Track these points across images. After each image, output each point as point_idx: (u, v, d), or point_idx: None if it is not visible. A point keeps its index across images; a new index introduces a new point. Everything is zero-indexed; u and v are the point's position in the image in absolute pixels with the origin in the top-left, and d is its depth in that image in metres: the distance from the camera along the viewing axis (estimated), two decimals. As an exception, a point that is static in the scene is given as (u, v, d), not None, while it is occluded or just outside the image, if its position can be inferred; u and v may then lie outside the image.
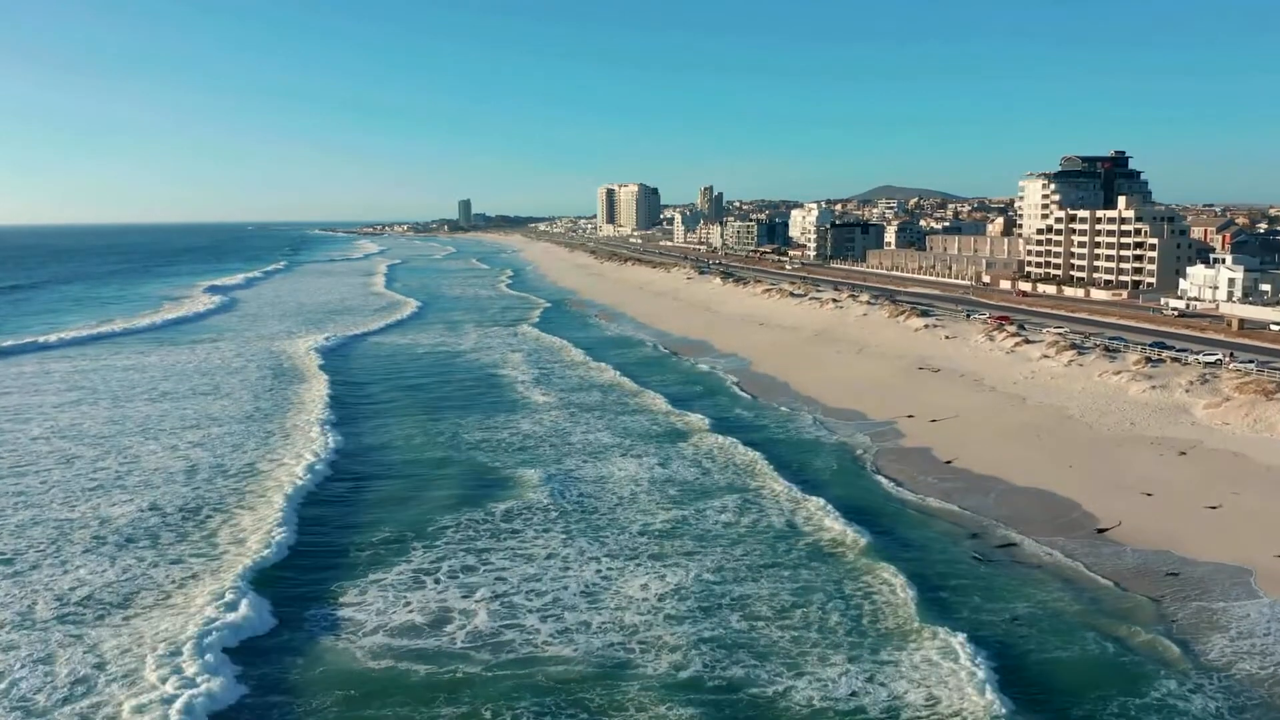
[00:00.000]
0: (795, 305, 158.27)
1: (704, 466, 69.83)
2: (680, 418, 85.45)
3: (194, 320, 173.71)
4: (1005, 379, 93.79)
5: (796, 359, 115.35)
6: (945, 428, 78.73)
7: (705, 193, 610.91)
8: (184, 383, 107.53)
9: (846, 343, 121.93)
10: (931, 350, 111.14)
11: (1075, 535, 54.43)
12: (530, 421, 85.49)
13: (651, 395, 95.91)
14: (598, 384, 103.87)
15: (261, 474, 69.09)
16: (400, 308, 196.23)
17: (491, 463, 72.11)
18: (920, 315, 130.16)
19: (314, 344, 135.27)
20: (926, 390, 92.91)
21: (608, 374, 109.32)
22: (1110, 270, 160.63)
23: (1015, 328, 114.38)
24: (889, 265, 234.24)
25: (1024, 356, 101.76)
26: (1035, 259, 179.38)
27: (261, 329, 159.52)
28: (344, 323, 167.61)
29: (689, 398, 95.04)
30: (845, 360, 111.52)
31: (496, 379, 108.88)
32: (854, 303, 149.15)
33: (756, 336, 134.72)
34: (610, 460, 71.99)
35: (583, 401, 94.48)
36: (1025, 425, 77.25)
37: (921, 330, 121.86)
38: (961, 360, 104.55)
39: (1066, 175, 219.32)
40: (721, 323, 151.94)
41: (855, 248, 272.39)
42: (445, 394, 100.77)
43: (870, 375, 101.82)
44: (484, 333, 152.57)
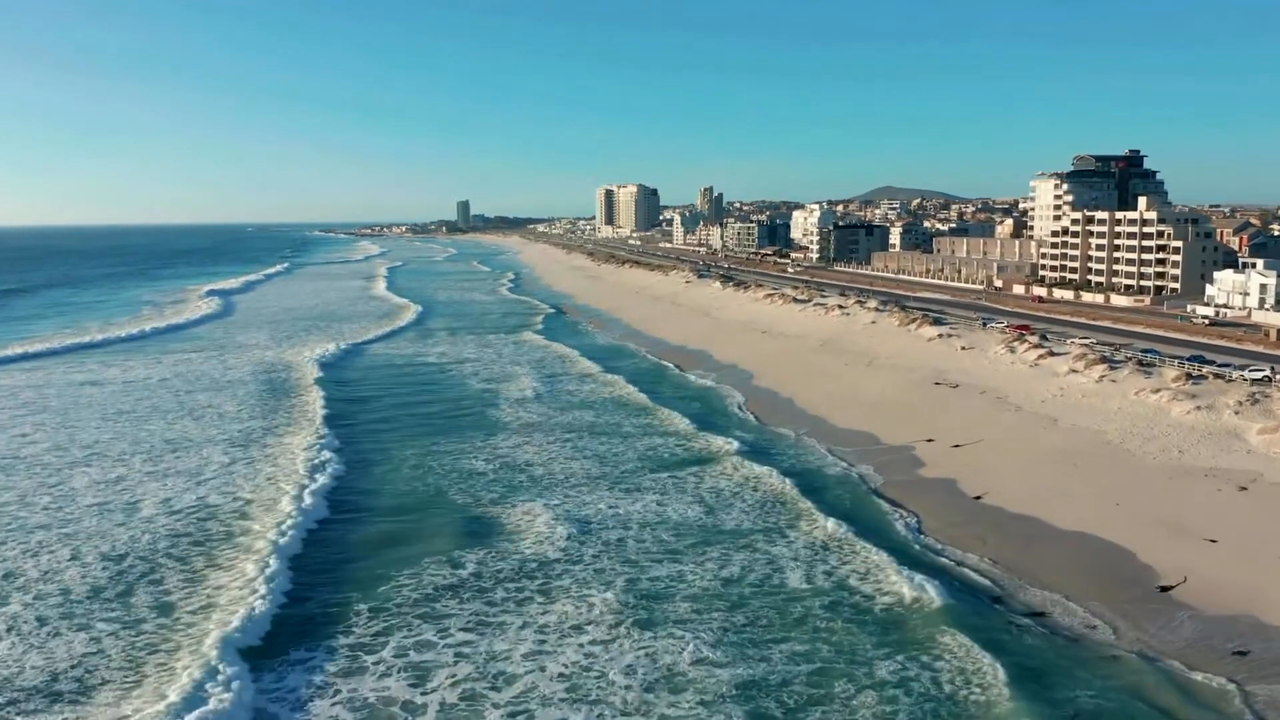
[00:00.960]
0: (799, 311, 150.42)
1: (704, 505, 61.98)
2: (668, 443, 77.71)
3: (187, 327, 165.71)
4: (1031, 397, 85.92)
5: (801, 372, 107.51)
6: (970, 455, 70.90)
7: (705, 193, 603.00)
8: (159, 400, 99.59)
9: (855, 354, 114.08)
10: (947, 363, 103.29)
11: (1134, 595, 46.60)
12: (514, 443, 77.78)
13: (642, 418, 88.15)
14: (591, 402, 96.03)
15: (218, 524, 61.27)
16: (401, 313, 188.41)
17: (486, 499, 64.36)
18: (933, 323, 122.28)
19: (312, 355, 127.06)
20: (945, 409, 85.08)
21: (601, 390, 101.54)
22: (1130, 275, 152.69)
23: (1037, 338, 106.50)
24: (895, 268, 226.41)
25: (1050, 371, 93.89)
26: (1050, 262, 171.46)
27: (254, 337, 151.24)
28: (343, 331, 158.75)
29: (684, 418, 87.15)
30: (854, 373, 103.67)
31: (495, 396, 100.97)
32: (861, 309, 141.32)
33: (758, 346, 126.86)
34: (602, 496, 64.16)
35: (572, 423, 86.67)
36: (1059, 452, 69.39)
37: (935, 340, 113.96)
38: (981, 374, 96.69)
39: (1079, 175, 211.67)
40: (721, 330, 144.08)
41: (859, 250, 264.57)
42: (444, 412, 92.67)
43: (882, 391, 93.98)
44: (484, 341, 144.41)
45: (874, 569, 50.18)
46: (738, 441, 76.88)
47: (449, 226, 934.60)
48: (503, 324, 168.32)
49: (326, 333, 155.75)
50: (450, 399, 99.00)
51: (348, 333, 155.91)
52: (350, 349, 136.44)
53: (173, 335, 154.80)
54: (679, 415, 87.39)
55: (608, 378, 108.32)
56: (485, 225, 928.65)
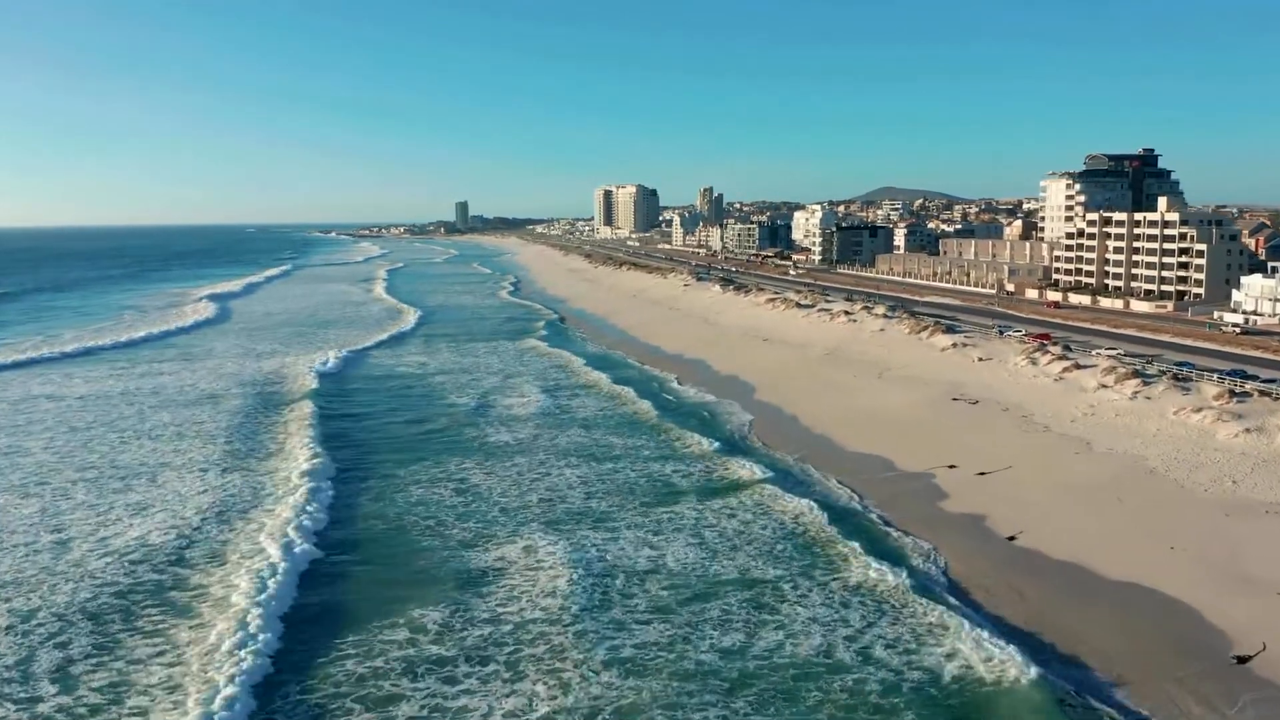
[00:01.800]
0: (802, 317, 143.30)
1: (704, 547, 54.82)
2: (663, 469, 70.57)
3: (175, 334, 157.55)
4: (1060, 415, 78.76)
5: (806, 384, 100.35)
6: (998, 484, 63.74)
7: (705, 194, 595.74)
8: (121, 416, 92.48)
9: (863, 364, 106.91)
10: (964, 375, 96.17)
11: (1205, 669, 39.47)
12: (490, 469, 70.76)
13: (634, 439, 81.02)
14: (583, 420, 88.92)
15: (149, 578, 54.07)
16: (401, 317, 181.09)
17: (467, 536, 57.26)
18: (946, 331, 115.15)
19: (309, 365, 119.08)
20: (965, 428, 77.92)
21: (589, 407, 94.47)
22: (1151, 279, 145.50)
23: (1060, 348, 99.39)
24: (900, 271, 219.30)
25: (1077, 385, 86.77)
26: (1064, 265, 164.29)
27: (247, 345, 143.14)
28: (342, 338, 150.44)
29: (679, 441, 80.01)
30: (863, 387, 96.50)
31: (479, 413, 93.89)
32: (868, 315, 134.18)
33: (760, 355, 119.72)
34: (586, 535, 57.02)
35: (559, 445, 79.56)
36: (1098, 482, 62.21)
37: (950, 350, 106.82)
38: (1002, 388, 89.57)
39: (1092, 175, 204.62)
40: (720, 338, 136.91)
41: (863, 252, 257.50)
42: (443, 429, 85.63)
43: (895, 407, 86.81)
44: (478, 350, 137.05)
45: (905, 635, 43.01)
46: (740, 469, 69.74)
47: (447, 227, 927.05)
48: (498, 330, 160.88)
49: (324, 340, 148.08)
50: (440, 413, 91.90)
51: (346, 340, 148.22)
52: (348, 357, 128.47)
53: (159, 343, 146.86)
54: (673, 439, 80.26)
55: (595, 391, 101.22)
56: (484, 226, 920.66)
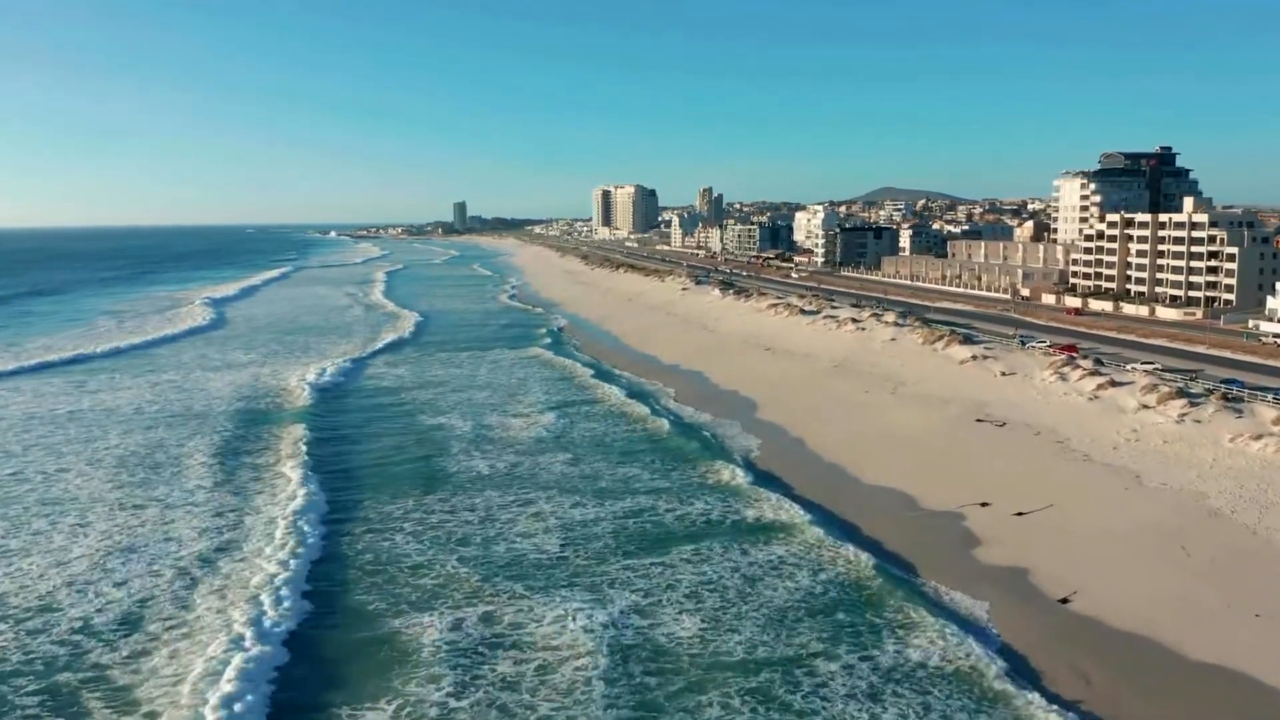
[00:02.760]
0: (807, 325, 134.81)
1: (701, 613, 46.38)
2: (654, 504, 62.17)
3: (169, 341, 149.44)
4: (1100, 441, 70.28)
5: (813, 401, 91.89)
6: (1039, 527, 55.27)
7: (704, 194, 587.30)
8: (73, 439, 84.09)
9: (875, 378, 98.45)
10: (987, 392, 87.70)
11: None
12: (455, 505, 62.37)
13: (623, 468, 72.66)
14: (564, 442, 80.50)
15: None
16: (398, 323, 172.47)
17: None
18: (963, 341, 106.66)
19: (302, 377, 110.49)
20: (994, 455, 69.48)
21: (576, 428, 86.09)
22: (1177, 285, 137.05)
23: (1091, 362, 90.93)
24: (907, 274, 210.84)
25: (1114, 405, 78.28)
26: (1083, 269, 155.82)
27: (236, 355, 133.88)
28: (337, 346, 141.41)
29: (672, 470, 71.62)
30: (876, 405, 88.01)
31: (472, 434, 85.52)
32: (878, 323, 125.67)
33: (762, 367, 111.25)
34: (560, 595, 48.59)
35: (538, 478, 71.18)
36: (1156, 526, 53.74)
37: (969, 363, 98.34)
38: (1031, 408, 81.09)
39: (1108, 174, 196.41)
40: (720, 346, 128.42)
41: (867, 254, 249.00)
42: (442, 454, 77.15)
43: (913, 429, 78.35)
44: (469, 358, 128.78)
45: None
46: (744, 508, 61.33)
47: (445, 228, 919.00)
48: (493, 339, 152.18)
49: (318, 349, 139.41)
50: (435, 436, 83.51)
51: (342, 348, 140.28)
52: (345, 368, 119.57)
53: (136, 354, 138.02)
54: (664, 470, 71.85)
55: (583, 410, 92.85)
56: (482, 227, 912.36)
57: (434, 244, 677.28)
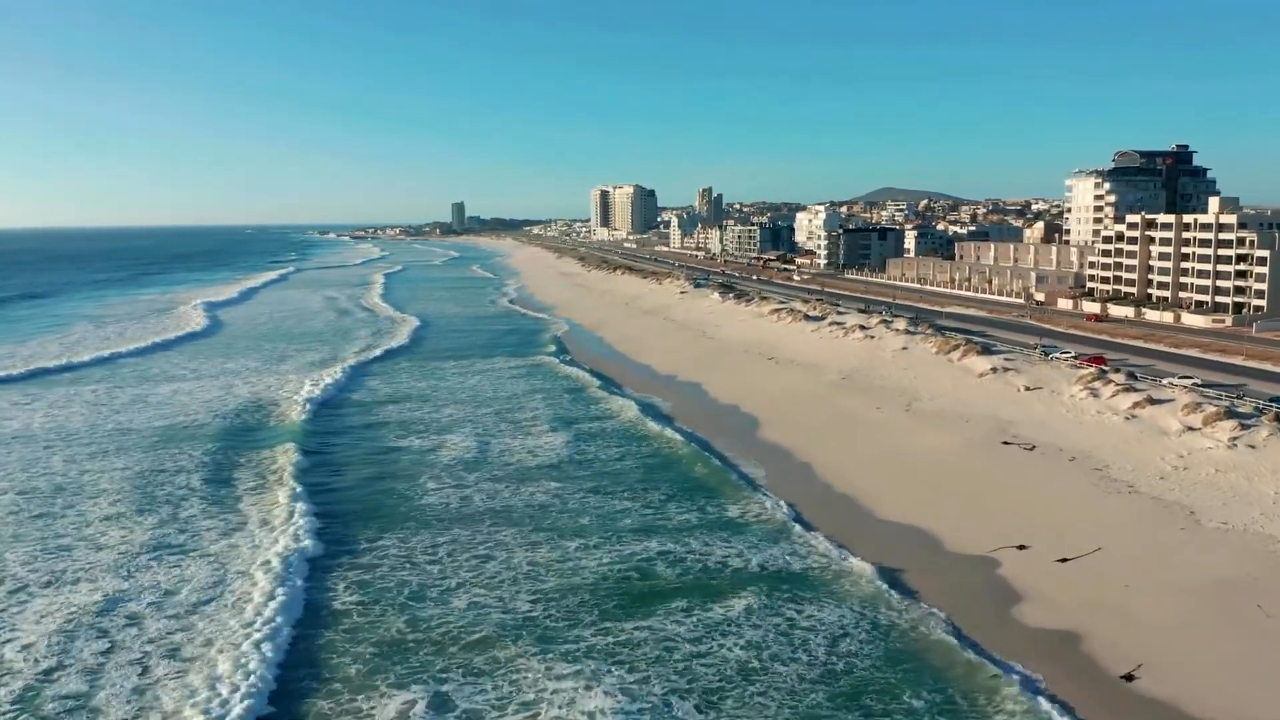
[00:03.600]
0: (811, 332, 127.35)
1: (684, 692, 39.00)
2: (647, 549, 54.78)
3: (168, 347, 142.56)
4: (1144, 469, 62.87)
5: (820, 419, 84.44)
6: (1088, 577, 47.80)
7: (703, 194, 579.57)
8: (48, 469, 76.60)
9: (887, 393, 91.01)
10: (1011, 409, 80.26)
11: None
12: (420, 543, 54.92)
13: (611, 506, 65.27)
14: (543, 467, 73.13)
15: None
16: (397, 329, 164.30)
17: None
18: (981, 352, 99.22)
19: (295, 393, 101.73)
20: (1026, 485, 62.06)
21: (558, 451, 78.71)
22: (1203, 289, 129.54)
23: (1123, 376, 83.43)
24: (914, 276, 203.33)
25: (1154, 426, 70.84)
26: (1101, 273, 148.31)
27: (223, 366, 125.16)
28: (330, 355, 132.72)
29: (669, 504, 64.26)
30: (890, 423, 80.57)
31: (427, 455, 78.10)
32: (887, 330, 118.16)
33: (764, 378, 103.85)
34: (532, 667, 41.23)
35: (512, 513, 63.82)
36: (1224, 579, 46.20)
37: (988, 376, 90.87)
38: (1061, 428, 73.64)
39: (1123, 173, 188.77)
40: (719, 355, 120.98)
41: (871, 255, 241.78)
42: (437, 486, 69.82)
43: (932, 452, 70.92)
44: (462, 370, 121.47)
45: None
46: (746, 555, 53.95)
47: (443, 228, 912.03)
48: (489, 348, 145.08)
49: (313, 360, 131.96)
50: (415, 459, 76.16)
51: (338, 353, 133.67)
52: (341, 382, 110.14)
53: (110, 365, 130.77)
54: (660, 499, 64.50)
55: (570, 427, 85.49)
56: (481, 227, 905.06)
57: (432, 245, 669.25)
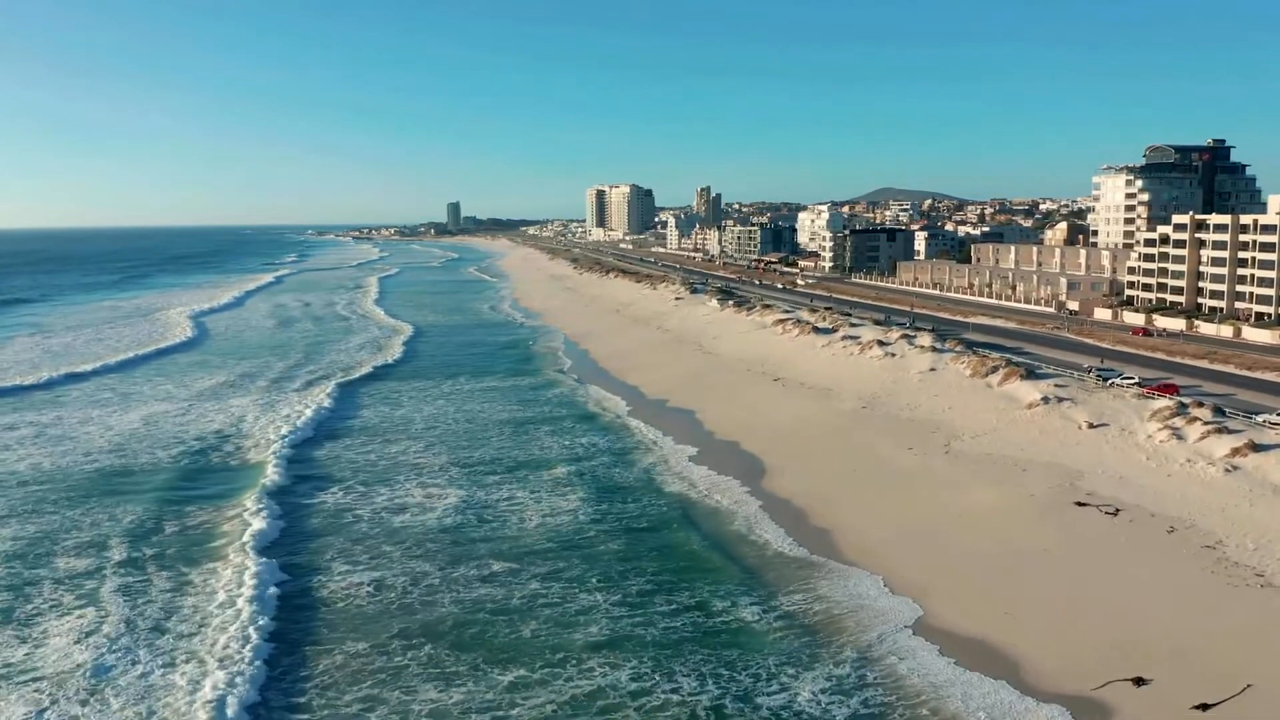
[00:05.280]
0: (822, 346, 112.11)
1: None
2: (609, 682, 39.77)
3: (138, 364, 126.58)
4: (1271, 547, 47.76)
5: (839, 463, 69.40)
6: (1251, 742, 32.80)
7: (702, 194, 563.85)
8: None
9: (918, 428, 75.92)
10: (1076, 454, 65.15)
11: None
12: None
13: (569, 592, 50.26)
14: (505, 532, 58.11)
15: None
16: (390, 341, 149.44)
17: None
18: (1026, 376, 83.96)
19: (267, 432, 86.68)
20: (1120, 572, 46.97)
21: (525, 512, 63.68)
22: (1265, 299, 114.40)
23: (1210, 410, 68.23)
24: (928, 281, 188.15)
25: (1267, 483, 55.70)
26: (1142, 279, 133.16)
27: (203, 381, 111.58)
28: (320, 369, 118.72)
29: (656, 590, 49.28)
30: (927, 472, 65.43)
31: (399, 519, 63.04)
32: (910, 347, 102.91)
33: (770, 405, 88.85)
34: None
35: (460, 597, 48.75)
36: None
37: (1039, 408, 75.61)
38: (1145, 482, 58.55)
39: (1155, 170, 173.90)
40: (717, 374, 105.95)
41: (879, 258, 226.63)
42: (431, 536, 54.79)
43: (987, 518, 55.82)
44: (455, 390, 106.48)
45: None
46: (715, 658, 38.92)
47: (437, 229, 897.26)
48: (476, 364, 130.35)
49: (298, 378, 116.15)
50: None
51: (321, 369, 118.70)
52: (326, 413, 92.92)
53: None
54: (644, 581, 49.46)
55: (542, 481, 70.50)
56: (477, 227, 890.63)
57: (428, 246, 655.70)
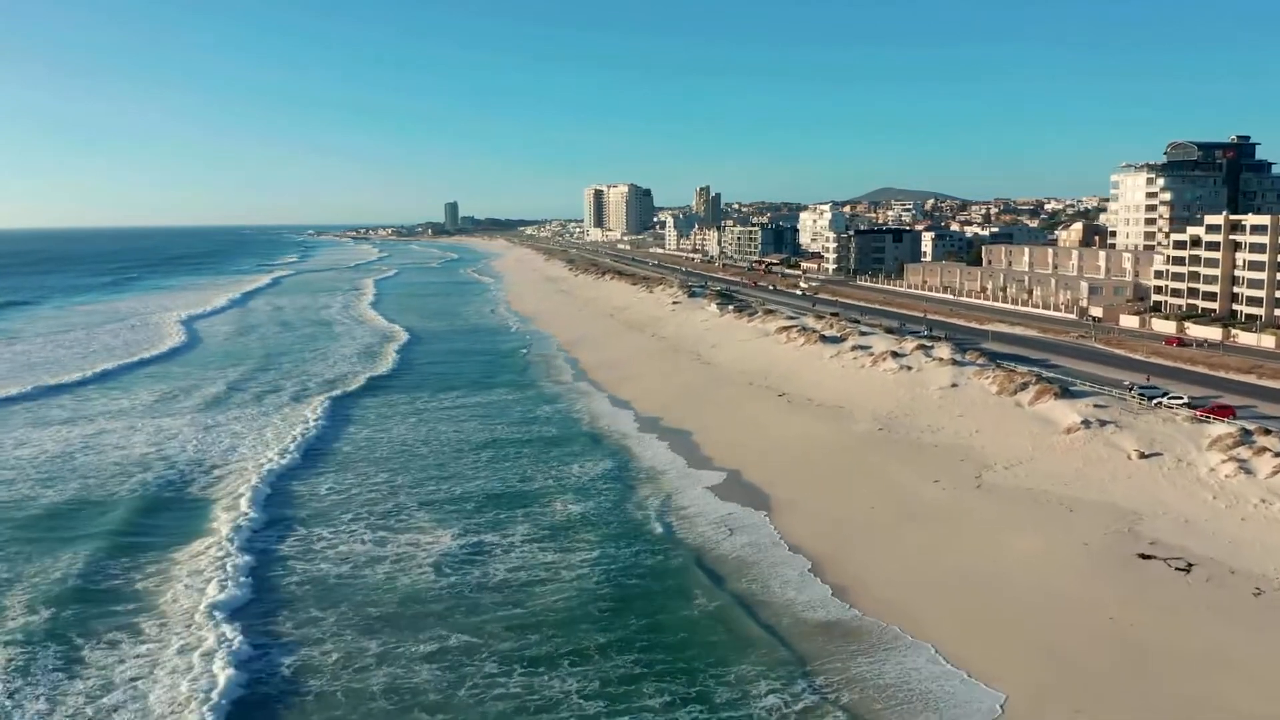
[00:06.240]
0: (831, 358, 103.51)
1: None
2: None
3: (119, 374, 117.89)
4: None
5: (855, 498, 60.93)
6: None
7: (701, 193, 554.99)
8: None
9: (944, 455, 67.44)
10: (1129, 490, 56.67)
11: None
12: None
13: (529, 678, 41.73)
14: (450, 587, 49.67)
15: None
16: (387, 345, 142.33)
17: None
18: (1060, 394, 75.36)
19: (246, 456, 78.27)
20: (1194, 640, 38.56)
21: (496, 564, 55.26)
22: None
23: (1277, 439, 59.73)
24: (937, 285, 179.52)
25: (1368, 532, 47.33)
26: (1170, 284, 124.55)
27: (173, 405, 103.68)
28: (297, 388, 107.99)
29: (625, 648, 40.82)
30: (959, 511, 56.94)
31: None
32: (927, 359, 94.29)
33: (774, 425, 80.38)
34: None
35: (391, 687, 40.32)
36: None
37: (1079, 433, 67.06)
38: (1215, 528, 50.06)
39: (1178, 168, 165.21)
40: (716, 388, 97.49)
41: (885, 259, 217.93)
42: None
43: (1033, 568, 47.36)
44: (454, 404, 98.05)
45: None
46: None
47: (435, 229, 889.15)
48: (468, 376, 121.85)
49: (283, 397, 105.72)
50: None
51: (307, 384, 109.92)
52: (314, 439, 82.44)
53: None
54: (612, 679, 41.01)
55: (495, 512, 62.03)
56: (475, 227, 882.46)
57: (428, 247, 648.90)
